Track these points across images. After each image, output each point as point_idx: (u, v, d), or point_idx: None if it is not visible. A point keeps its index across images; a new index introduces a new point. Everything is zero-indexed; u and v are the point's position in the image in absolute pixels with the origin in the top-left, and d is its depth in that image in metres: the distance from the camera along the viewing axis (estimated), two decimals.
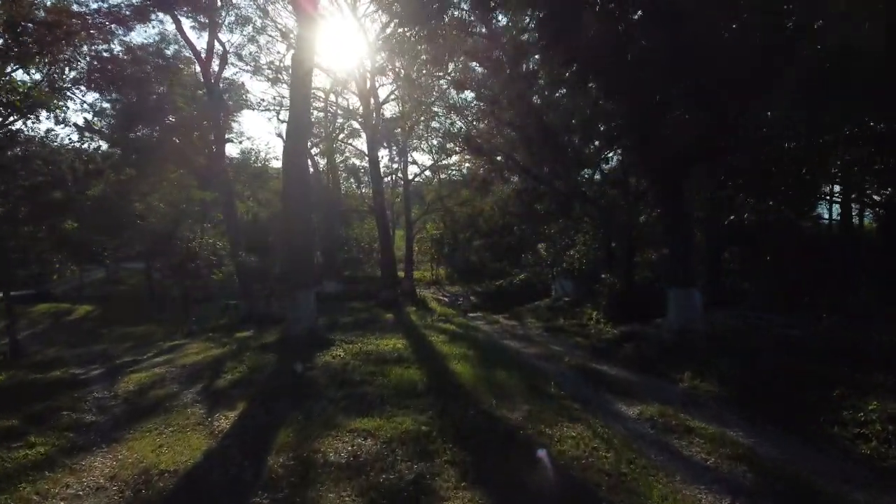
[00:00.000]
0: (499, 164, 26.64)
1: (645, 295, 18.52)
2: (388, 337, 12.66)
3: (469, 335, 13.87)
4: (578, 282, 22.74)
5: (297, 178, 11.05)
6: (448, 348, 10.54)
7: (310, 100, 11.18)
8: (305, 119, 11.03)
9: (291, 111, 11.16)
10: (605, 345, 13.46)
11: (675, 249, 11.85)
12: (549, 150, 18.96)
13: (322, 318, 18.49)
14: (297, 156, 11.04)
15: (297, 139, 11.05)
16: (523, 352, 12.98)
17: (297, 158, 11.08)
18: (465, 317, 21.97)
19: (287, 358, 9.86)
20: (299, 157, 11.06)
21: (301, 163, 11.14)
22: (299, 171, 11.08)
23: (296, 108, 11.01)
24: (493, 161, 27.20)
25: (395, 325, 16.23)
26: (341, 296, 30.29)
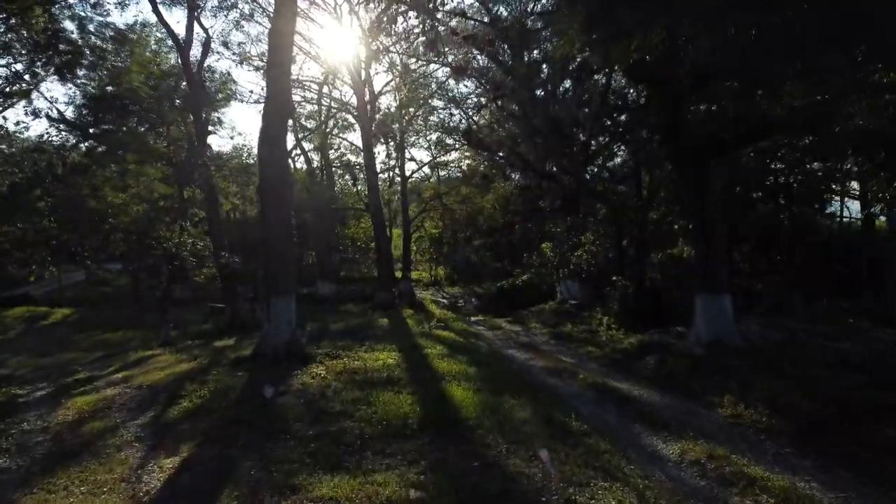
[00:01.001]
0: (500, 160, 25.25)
1: (660, 299, 17.14)
2: (380, 349, 11.26)
3: (470, 346, 12.48)
4: (585, 284, 21.35)
5: (275, 167, 9.64)
6: (447, 365, 9.14)
7: (290, 74, 9.75)
8: (285, 97, 9.60)
9: (269, 88, 9.74)
10: (622, 356, 12.08)
11: (702, 251, 10.46)
12: (555, 143, 17.56)
13: (311, 324, 17.13)
14: (275, 142, 9.63)
15: (275, 122, 9.63)
16: (531, 365, 11.59)
17: (276, 145, 9.67)
18: (466, 321, 20.58)
19: (259, 378, 8.46)
20: (277, 142, 9.65)
21: (280, 150, 9.73)
22: (278, 159, 9.68)
23: (274, 84, 9.60)
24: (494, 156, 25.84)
25: (389, 333, 14.83)
26: (336, 297, 28.93)
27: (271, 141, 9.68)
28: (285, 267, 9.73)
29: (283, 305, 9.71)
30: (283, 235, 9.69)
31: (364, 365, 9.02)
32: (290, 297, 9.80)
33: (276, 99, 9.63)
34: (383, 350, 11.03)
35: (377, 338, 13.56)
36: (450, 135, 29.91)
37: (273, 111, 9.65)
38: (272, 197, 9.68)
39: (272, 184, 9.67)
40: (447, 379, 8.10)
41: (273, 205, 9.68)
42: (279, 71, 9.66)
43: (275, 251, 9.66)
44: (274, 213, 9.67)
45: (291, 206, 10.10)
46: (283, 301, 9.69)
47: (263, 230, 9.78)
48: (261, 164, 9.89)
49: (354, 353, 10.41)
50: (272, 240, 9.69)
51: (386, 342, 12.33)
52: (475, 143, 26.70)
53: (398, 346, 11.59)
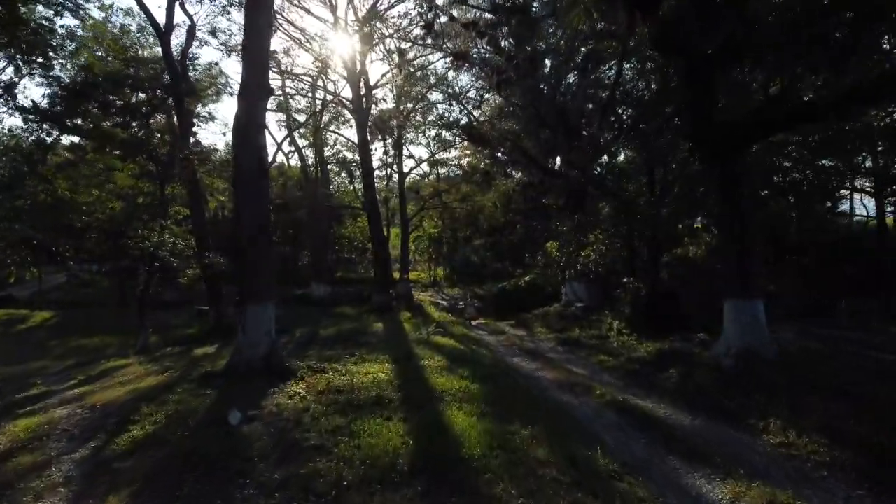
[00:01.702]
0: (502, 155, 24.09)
1: (675, 302, 16.00)
2: (372, 360, 10.12)
3: (472, 355, 11.33)
4: (592, 285, 20.20)
5: (250, 155, 8.50)
6: (446, 380, 7.98)
7: (268, 50, 8.59)
8: (262, 74, 8.45)
9: (244, 65, 8.59)
10: (640, 367, 10.93)
11: (734, 251, 9.30)
12: (562, 136, 16.41)
13: (301, 330, 15.98)
14: (251, 126, 8.48)
15: (251, 104, 8.49)
16: (539, 377, 10.45)
17: (251, 129, 8.51)
18: (467, 325, 19.43)
19: (228, 397, 7.32)
20: (253, 127, 8.49)
21: (256, 135, 8.57)
22: (254, 145, 8.53)
23: (251, 55, 8.45)
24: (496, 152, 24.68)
25: (384, 340, 13.70)
26: (331, 300, 27.80)
27: (246, 125, 8.54)
28: (263, 269, 8.58)
29: (261, 313, 8.56)
30: (260, 233, 8.54)
31: (351, 381, 7.87)
32: (268, 304, 8.65)
33: (253, 76, 8.48)
34: (375, 361, 9.89)
35: (370, 346, 12.42)
36: (449, 130, 28.77)
37: (249, 90, 8.50)
38: (247, 188, 8.54)
39: (247, 173, 8.54)
40: (446, 400, 6.95)
41: (248, 197, 8.53)
42: (257, 45, 8.52)
43: (250, 251, 8.50)
44: (249, 207, 8.52)
45: (269, 200, 8.94)
46: (261, 308, 8.54)
47: (238, 227, 8.63)
48: (235, 152, 8.74)
49: (342, 366, 9.27)
50: (248, 238, 8.54)
51: (379, 351, 11.20)
52: (476, 139, 25.50)
53: (392, 355, 10.45)
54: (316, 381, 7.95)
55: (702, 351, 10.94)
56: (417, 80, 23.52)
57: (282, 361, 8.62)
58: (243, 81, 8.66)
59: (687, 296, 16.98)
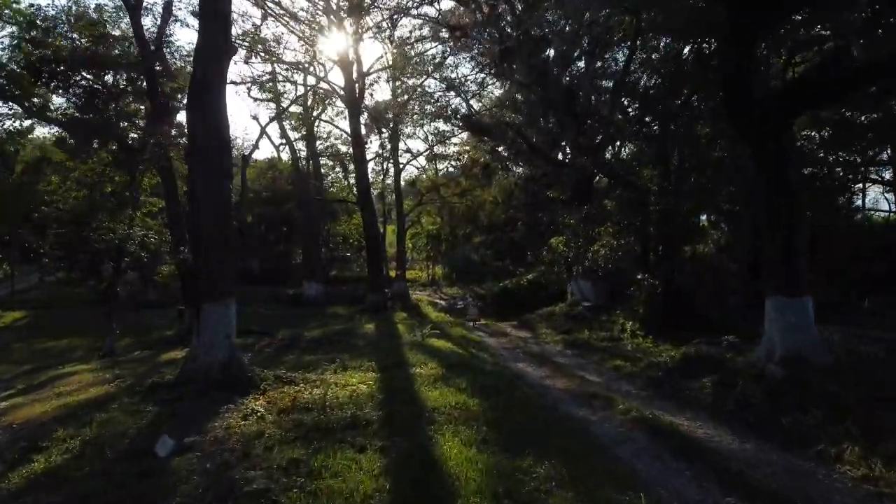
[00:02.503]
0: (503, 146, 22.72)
1: (693, 302, 14.61)
2: (356, 367, 8.74)
3: (471, 361, 9.94)
4: (600, 283, 18.81)
5: (207, 125, 7.13)
6: (439, 394, 6.60)
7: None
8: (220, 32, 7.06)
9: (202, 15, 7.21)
10: (663, 375, 9.54)
11: (780, 241, 7.92)
12: (570, 119, 15.03)
13: (284, 331, 14.59)
14: (209, 89, 7.10)
15: (208, 62, 7.11)
16: (549, 387, 9.06)
17: (210, 93, 7.13)
18: (466, 326, 18.05)
19: (169, 416, 5.93)
20: (212, 90, 7.11)
21: (214, 101, 7.19)
22: (211, 113, 7.15)
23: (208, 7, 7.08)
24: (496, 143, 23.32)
25: (374, 343, 12.33)
26: (324, 299, 26.47)
27: (202, 91, 7.15)
28: (221, 260, 7.20)
29: (219, 313, 7.17)
30: (218, 217, 7.16)
31: (324, 395, 6.48)
32: (228, 302, 7.27)
33: (211, 34, 7.10)
34: (358, 369, 8.51)
35: (357, 350, 11.05)
36: (448, 121, 27.33)
37: (206, 50, 7.12)
38: (204, 164, 7.16)
39: (204, 148, 7.15)
40: (438, 421, 5.57)
41: (205, 175, 7.15)
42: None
43: (207, 239, 7.12)
44: (206, 186, 7.14)
45: (230, 177, 7.55)
46: (219, 308, 7.16)
47: (192, 210, 7.24)
48: (189, 123, 7.36)
49: (319, 375, 7.88)
50: (204, 224, 7.16)
51: (366, 356, 9.83)
52: (475, 129, 24.18)
53: (380, 362, 9.07)
54: (282, 394, 6.56)
55: (734, 356, 9.55)
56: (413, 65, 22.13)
57: (244, 370, 7.23)
58: (199, 41, 7.28)
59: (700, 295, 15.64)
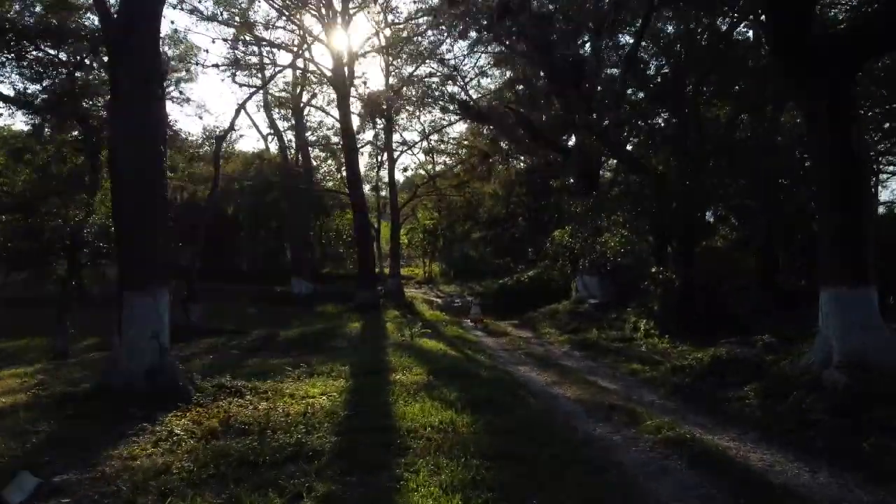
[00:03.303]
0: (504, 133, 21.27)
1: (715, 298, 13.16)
2: (324, 373, 7.27)
3: (465, 364, 8.47)
4: (608, 278, 17.37)
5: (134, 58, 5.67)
6: (420, 410, 5.13)
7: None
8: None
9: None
10: (693, 381, 8.10)
11: (837, 220, 6.47)
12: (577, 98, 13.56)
13: (258, 331, 13.12)
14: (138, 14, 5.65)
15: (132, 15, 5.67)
16: (557, 396, 7.62)
17: (134, 35, 5.67)
18: (463, 325, 16.59)
19: (63, 438, 4.50)
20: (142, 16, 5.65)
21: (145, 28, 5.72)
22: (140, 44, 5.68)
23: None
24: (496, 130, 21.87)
25: (355, 344, 10.89)
26: (314, 297, 25.02)
27: (128, 22, 5.69)
28: (147, 240, 5.73)
29: (144, 306, 5.72)
30: (143, 186, 5.69)
31: (269, 411, 5.03)
32: (157, 292, 5.80)
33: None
34: (327, 376, 7.05)
35: (335, 352, 9.62)
36: (445, 111, 25.78)
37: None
38: (128, 112, 5.70)
39: (129, 92, 5.69)
40: (415, 449, 4.09)
41: (128, 126, 5.69)
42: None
43: (128, 213, 5.66)
44: (128, 145, 5.67)
45: (160, 141, 6.07)
46: (144, 299, 5.70)
47: (112, 183, 5.80)
48: (110, 61, 5.92)
49: (275, 384, 6.41)
50: (126, 200, 5.70)
51: (343, 359, 8.36)
52: (473, 116, 22.75)
53: (356, 367, 7.61)
54: (217, 410, 5.10)
55: (776, 358, 8.08)
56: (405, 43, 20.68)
57: (176, 379, 5.75)
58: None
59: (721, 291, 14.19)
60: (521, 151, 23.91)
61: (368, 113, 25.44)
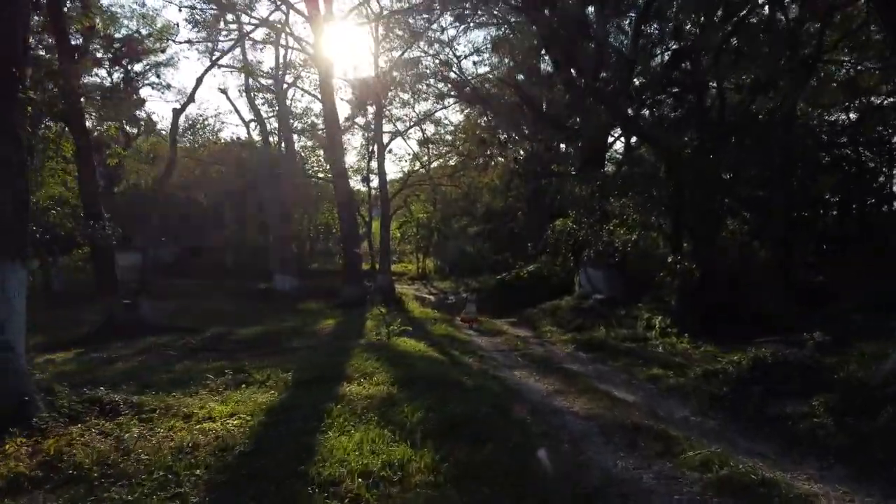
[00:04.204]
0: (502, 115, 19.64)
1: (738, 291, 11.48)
2: (260, 382, 5.60)
3: (445, 371, 6.76)
4: (615, 272, 15.66)
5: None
6: (358, 442, 3.43)
7: None
8: None
9: None
10: (732, 391, 6.43)
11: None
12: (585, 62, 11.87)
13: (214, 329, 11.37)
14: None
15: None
16: (562, 411, 5.95)
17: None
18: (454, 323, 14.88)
19: None
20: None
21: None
22: None
23: None
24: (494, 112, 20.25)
25: (321, 344, 9.19)
26: (296, 294, 23.32)
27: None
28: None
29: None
30: None
31: (135, 442, 3.32)
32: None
33: None
34: (258, 386, 5.37)
35: (291, 354, 7.95)
36: (441, 99, 24.01)
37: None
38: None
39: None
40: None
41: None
42: None
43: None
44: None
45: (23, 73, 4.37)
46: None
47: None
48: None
49: (177, 399, 4.73)
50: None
51: (288, 365, 6.66)
52: (470, 97, 21.10)
53: (303, 373, 5.93)
54: (51, 442, 3.39)
55: (837, 362, 6.42)
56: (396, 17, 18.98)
57: (21, 392, 4.04)
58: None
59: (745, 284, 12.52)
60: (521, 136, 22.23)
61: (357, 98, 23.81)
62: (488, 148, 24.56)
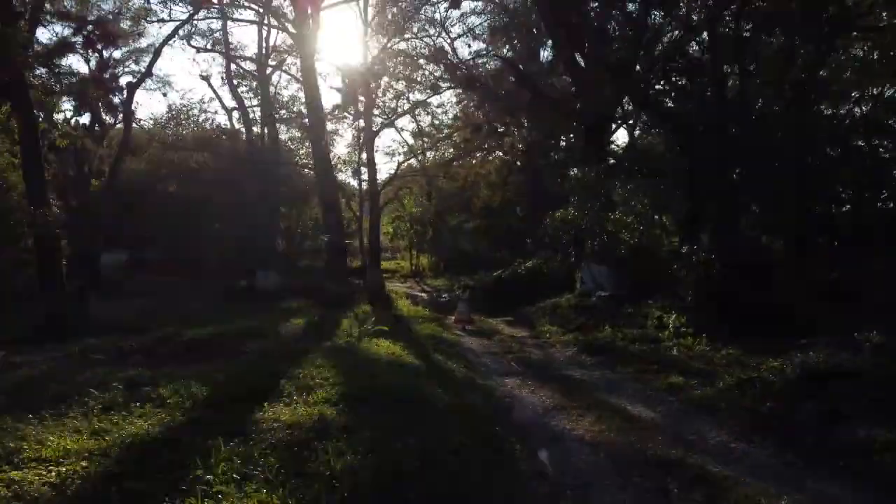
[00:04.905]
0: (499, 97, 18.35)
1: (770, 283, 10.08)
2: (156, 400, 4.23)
3: (414, 382, 5.37)
4: (620, 265, 14.27)
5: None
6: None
7: None
8: None
9: None
10: (780, 407, 5.05)
11: None
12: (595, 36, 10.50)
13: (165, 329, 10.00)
14: None
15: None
16: (562, 433, 4.61)
17: None
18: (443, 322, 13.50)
19: None
20: None
21: None
22: None
23: None
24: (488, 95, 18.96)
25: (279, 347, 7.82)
26: (280, 292, 21.96)
27: None
28: None
29: None
30: None
31: None
32: None
33: None
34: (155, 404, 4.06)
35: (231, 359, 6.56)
36: (435, 90, 22.58)
37: None
38: None
39: None
40: None
41: None
42: None
43: None
44: None
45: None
46: None
47: None
48: None
49: (26, 429, 3.33)
50: None
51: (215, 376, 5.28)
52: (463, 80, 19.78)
53: (228, 385, 4.59)
54: None
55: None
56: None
57: None
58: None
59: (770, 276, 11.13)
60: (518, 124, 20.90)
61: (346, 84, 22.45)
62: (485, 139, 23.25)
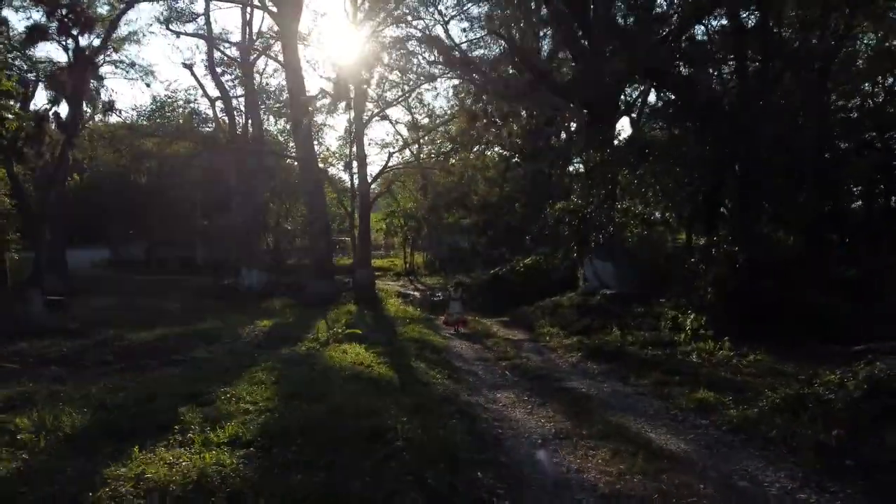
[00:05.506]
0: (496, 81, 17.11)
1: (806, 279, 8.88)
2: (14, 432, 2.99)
3: (377, 404, 4.14)
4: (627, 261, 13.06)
5: None
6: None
7: None
8: None
9: None
10: (851, 439, 3.81)
11: None
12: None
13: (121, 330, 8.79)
14: None
15: None
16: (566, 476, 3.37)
17: None
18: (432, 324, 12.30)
19: None
20: None
21: None
22: None
23: None
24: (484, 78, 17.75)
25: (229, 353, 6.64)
26: (264, 290, 20.78)
27: None
28: None
29: None
30: None
31: None
32: None
33: None
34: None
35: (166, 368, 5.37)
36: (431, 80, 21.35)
37: None
38: None
39: None
40: None
41: None
42: None
43: None
44: None
45: None
46: None
47: None
48: None
49: None
50: None
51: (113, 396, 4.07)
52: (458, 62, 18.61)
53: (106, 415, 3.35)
54: None
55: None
56: None
57: None
58: None
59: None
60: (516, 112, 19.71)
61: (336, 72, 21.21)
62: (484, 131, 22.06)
